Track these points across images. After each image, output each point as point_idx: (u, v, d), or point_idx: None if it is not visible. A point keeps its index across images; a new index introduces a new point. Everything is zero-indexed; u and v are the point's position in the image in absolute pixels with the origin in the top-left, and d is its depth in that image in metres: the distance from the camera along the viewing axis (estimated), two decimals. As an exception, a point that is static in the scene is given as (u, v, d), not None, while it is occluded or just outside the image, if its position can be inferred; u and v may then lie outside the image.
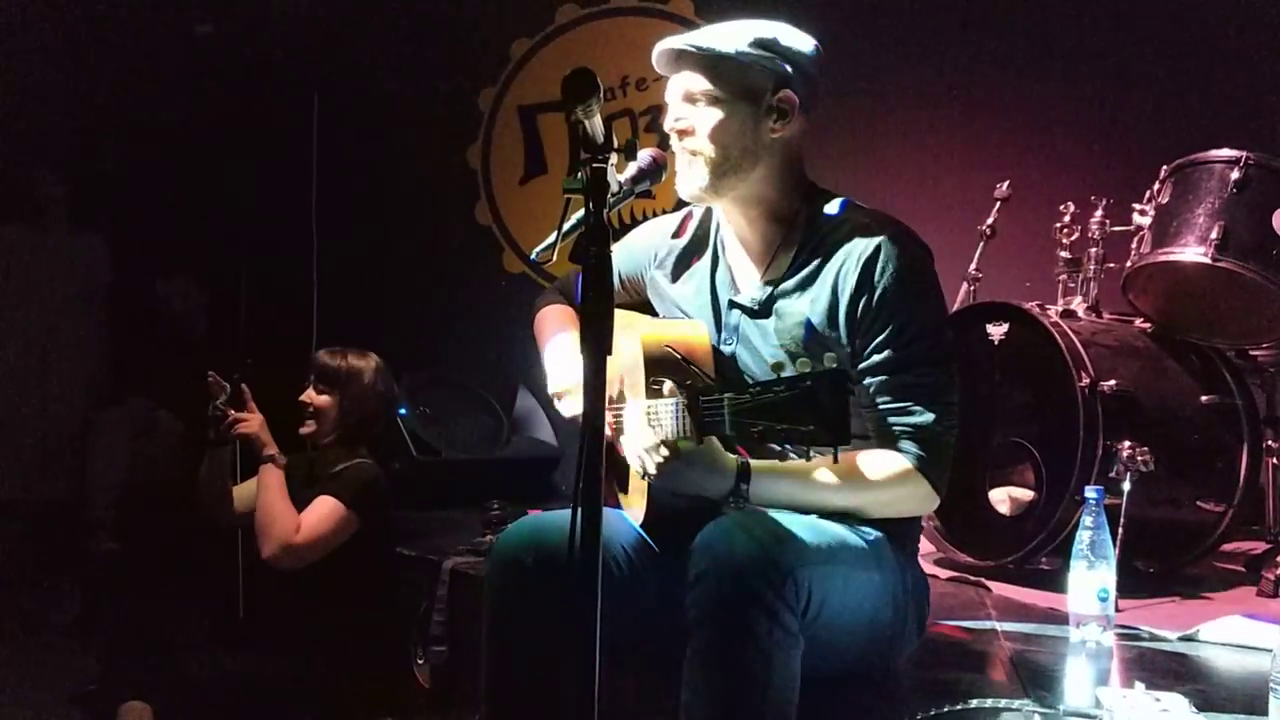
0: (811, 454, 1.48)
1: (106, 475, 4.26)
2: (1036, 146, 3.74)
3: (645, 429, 1.72)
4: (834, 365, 1.45)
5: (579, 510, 1.37)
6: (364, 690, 2.89)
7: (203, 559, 3.40)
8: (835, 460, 1.50)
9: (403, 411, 3.83)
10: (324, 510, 2.82)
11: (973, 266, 3.46)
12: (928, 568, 2.89)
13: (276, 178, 4.56)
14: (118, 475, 4.25)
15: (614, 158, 1.50)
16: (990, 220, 3.47)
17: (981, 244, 3.47)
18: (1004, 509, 2.84)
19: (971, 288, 3.45)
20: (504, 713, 1.86)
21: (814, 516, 1.80)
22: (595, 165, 1.46)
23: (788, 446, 1.49)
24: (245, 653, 2.87)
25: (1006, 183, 3.47)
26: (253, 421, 2.88)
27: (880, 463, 1.76)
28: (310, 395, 3.00)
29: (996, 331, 2.91)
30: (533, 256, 1.68)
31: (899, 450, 1.77)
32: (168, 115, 4.58)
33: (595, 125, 1.43)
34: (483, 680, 1.88)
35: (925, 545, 2.99)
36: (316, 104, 4.64)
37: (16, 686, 3.25)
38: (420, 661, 2.89)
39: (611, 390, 1.95)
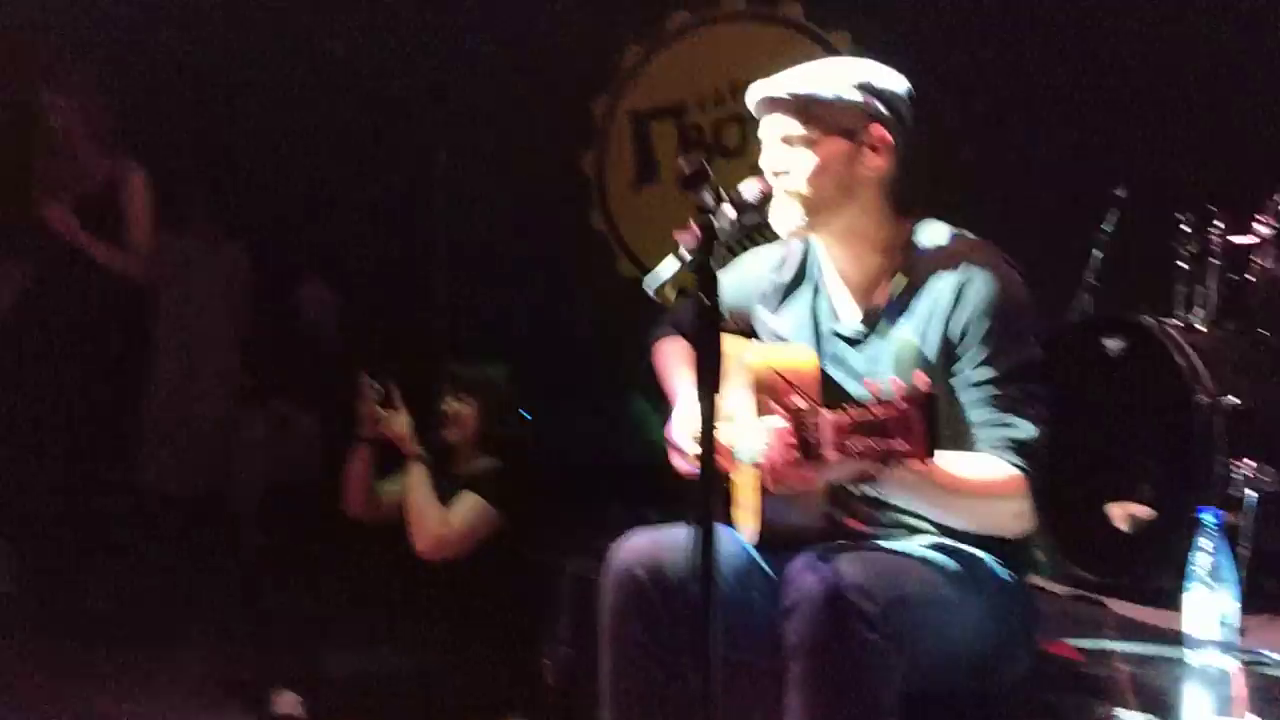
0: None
1: (250, 473, 4.53)
2: (1156, 152, 3.66)
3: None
4: (925, 388, 1.51)
5: (699, 530, 1.52)
6: (493, 687, 3.05)
7: (342, 555, 3.61)
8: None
9: (526, 415, 3.97)
10: (470, 506, 3.05)
11: (1089, 274, 3.42)
12: (1043, 582, 2.91)
13: (404, 187, 4.76)
14: (260, 473, 4.51)
15: (724, 206, 1.67)
16: (1107, 226, 3.43)
17: (1097, 251, 3.43)
18: (1122, 526, 2.83)
19: (1088, 296, 3.41)
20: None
21: (907, 543, 1.87)
22: (706, 223, 1.60)
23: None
24: (383, 647, 3.07)
25: (1124, 188, 3.42)
26: (401, 421, 3.11)
27: (995, 466, 1.80)
28: (451, 404, 3.20)
29: (1114, 345, 2.90)
30: (648, 289, 1.78)
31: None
32: (301, 128, 4.81)
33: (707, 199, 1.58)
34: (602, 691, 2.00)
35: (1039, 556, 3.01)
36: (438, 114, 4.79)
37: (171, 675, 3.44)
38: (547, 661, 3.03)
39: (725, 413, 2.02)
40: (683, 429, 2.08)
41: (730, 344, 1.93)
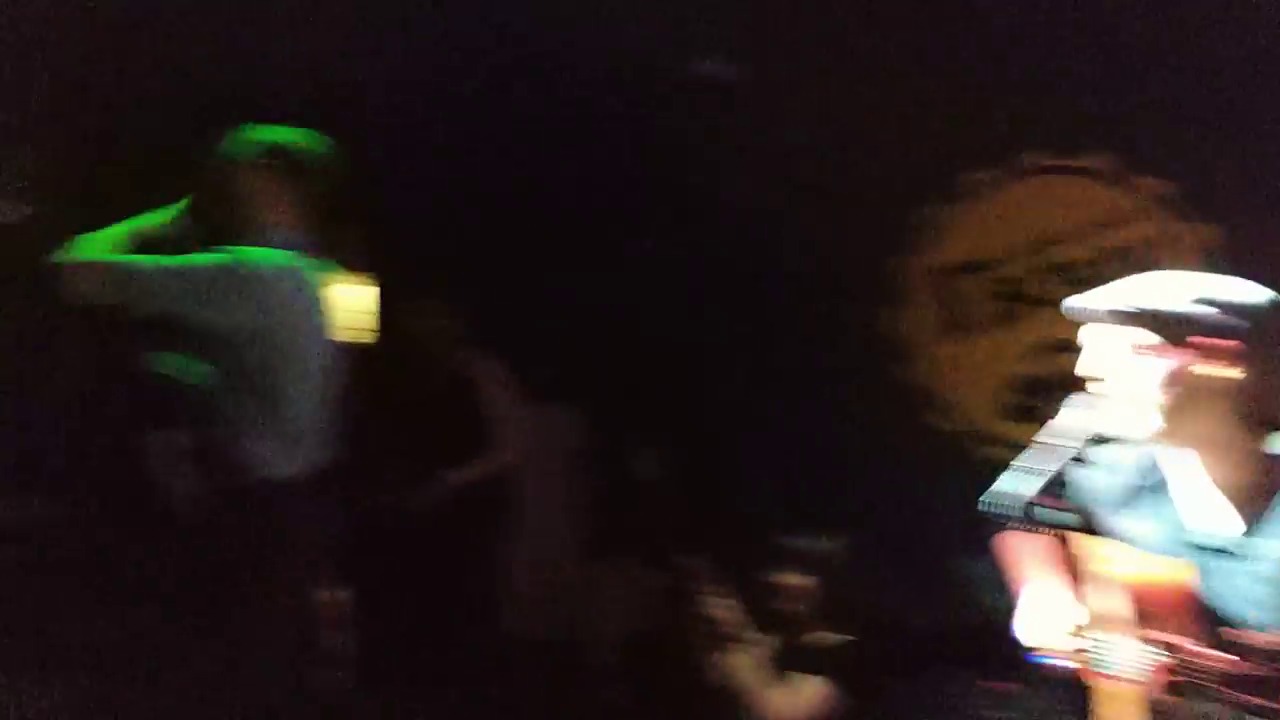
0: None
1: (599, 630, 4.88)
2: None
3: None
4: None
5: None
6: None
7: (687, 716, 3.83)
8: None
9: (860, 583, 4.08)
10: (804, 689, 3.17)
11: None
12: None
13: (720, 356, 5.07)
14: (608, 630, 4.86)
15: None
16: None
17: None
18: None
19: None
20: None
21: None
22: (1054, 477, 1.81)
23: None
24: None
25: None
26: (723, 605, 3.38)
27: None
28: (787, 578, 3.40)
29: None
30: (984, 506, 1.87)
31: None
32: (622, 306, 5.26)
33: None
34: None
35: None
36: (749, 283, 5.07)
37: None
38: None
39: (1087, 618, 2.01)
40: (1042, 622, 2.04)
41: (1094, 546, 1.97)
